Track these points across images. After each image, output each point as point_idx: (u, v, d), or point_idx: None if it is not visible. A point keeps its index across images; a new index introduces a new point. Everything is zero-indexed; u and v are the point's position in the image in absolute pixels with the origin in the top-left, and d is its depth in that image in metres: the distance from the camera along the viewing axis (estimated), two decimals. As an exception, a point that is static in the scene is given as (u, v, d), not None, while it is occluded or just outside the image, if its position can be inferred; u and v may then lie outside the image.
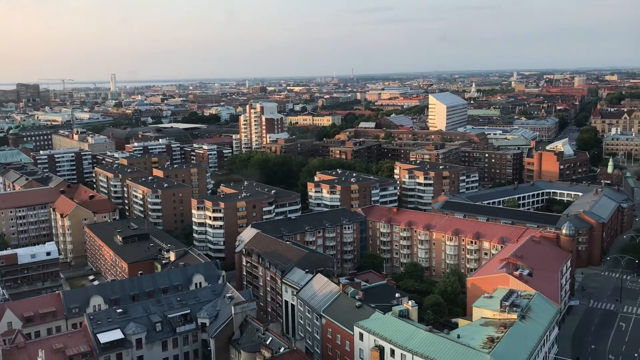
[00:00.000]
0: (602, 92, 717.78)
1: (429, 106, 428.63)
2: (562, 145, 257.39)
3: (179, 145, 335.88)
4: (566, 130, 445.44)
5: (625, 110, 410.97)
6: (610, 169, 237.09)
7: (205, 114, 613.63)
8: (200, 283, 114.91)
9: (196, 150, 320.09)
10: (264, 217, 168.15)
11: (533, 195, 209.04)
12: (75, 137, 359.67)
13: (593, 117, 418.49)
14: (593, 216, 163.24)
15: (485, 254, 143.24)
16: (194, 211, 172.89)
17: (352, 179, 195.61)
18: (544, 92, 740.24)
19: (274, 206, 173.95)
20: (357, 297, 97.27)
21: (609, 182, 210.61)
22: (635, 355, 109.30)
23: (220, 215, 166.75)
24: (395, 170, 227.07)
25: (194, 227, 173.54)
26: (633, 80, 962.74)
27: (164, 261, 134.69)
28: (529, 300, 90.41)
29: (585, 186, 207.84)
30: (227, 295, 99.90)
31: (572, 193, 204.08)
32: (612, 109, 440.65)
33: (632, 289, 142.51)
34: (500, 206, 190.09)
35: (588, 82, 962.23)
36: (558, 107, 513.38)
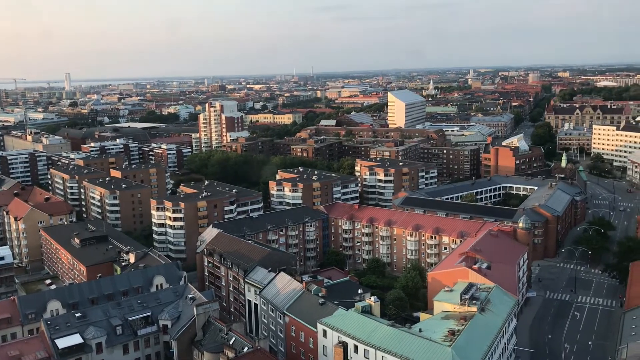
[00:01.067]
0: (555, 89, 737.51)
1: (389, 104, 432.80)
2: (518, 141, 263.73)
3: (137, 145, 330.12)
4: (521, 126, 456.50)
5: (577, 106, 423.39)
6: (563, 164, 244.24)
7: (163, 113, 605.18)
8: (161, 284, 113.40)
9: (155, 150, 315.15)
10: (226, 216, 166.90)
11: (490, 190, 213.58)
12: (29, 137, 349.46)
13: (547, 113, 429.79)
14: (548, 209, 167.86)
15: (445, 248, 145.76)
16: (153, 212, 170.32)
17: (313, 177, 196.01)
18: (500, 89, 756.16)
19: (235, 205, 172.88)
20: (320, 294, 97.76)
21: (562, 176, 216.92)
22: (590, 343, 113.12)
23: (181, 215, 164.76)
24: (356, 168, 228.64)
25: (154, 228, 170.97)
26: (584, 77, 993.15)
27: (123, 263, 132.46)
28: (487, 293, 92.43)
29: (540, 180, 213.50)
30: (189, 296, 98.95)
31: (528, 187, 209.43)
32: (565, 105, 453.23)
33: (586, 280, 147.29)
34: (459, 201, 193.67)
35: (542, 78, 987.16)
36: (513, 104, 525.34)
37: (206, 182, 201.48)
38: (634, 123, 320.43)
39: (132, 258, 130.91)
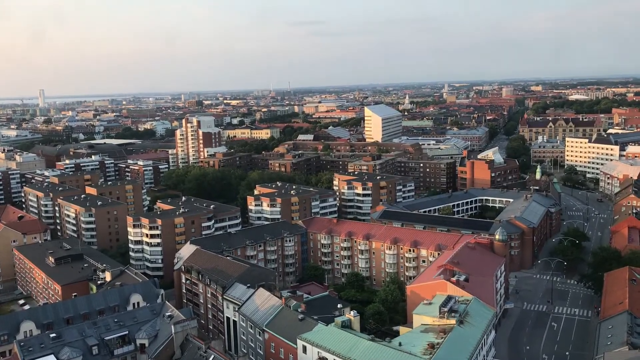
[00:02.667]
0: (529, 102, 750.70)
1: (365, 118, 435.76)
2: (493, 154, 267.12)
3: (112, 161, 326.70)
4: (496, 139, 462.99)
5: (550, 119, 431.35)
6: (538, 176, 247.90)
7: (139, 129, 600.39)
8: (138, 303, 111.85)
9: (131, 167, 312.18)
10: (203, 232, 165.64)
11: (467, 202, 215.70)
12: (2, 155, 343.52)
13: (521, 126, 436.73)
14: (524, 221, 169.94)
15: (423, 261, 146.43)
16: (130, 229, 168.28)
17: (292, 192, 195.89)
18: (474, 102, 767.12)
19: (213, 221, 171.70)
20: (299, 309, 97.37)
21: (537, 188, 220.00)
22: (567, 353, 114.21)
23: (158, 232, 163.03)
24: (334, 182, 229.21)
25: (131, 246, 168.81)
26: (556, 91, 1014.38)
27: (99, 282, 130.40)
28: (466, 305, 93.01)
29: (516, 192, 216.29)
30: (167, 314, 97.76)
31: (504, 199, 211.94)
32: (538, 118, 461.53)
33: (562, 290, 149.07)
34: (436, 214, 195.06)
35: (515, 92, 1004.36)
36: (488, 117, 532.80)
37: (183, 198, 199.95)
38: (605, 135, 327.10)
39: (108, 276, 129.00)
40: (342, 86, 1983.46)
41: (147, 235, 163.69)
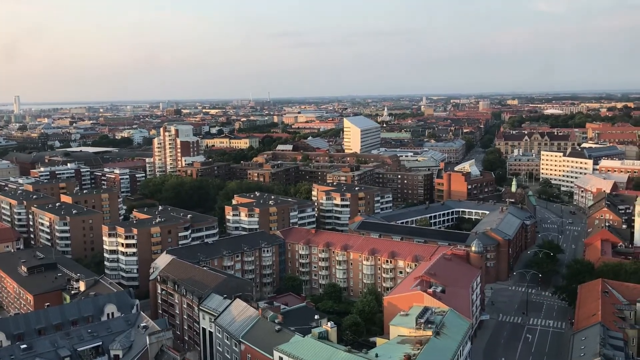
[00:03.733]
0: (505, 116, 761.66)
1: (344, 129, 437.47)
2: (469, 166, 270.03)
3: (88, 169, 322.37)
4: (472, 152, 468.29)
5: (525, 132, 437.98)
6: (514, 188, 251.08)
7: (117, 137, 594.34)
8: (112, 313, 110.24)
9: (107, 175, 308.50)
10: (180, 242, 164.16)
11: (443, 214, 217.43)
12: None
13: (497, 139, 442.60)
14: (499, 233, 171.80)
15: (401, 272, 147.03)
16: (105, 238, 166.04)
17: (270, 202, 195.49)
18: (451, 115, 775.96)
19: (190, 231, 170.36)
20: (276, 320, 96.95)
21: (513, 200, 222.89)
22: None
23: (134, 241, 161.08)
24: (313, 192, 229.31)
25: (106, 255, 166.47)
26: (532, 105, 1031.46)
27: (73, 291, 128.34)
28: (442, 316, 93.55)
29: (492, 205, 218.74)
30: (142, 324, 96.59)
31: (480, 211, 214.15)
32: (514, 132, 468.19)
33: (537, 302, 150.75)
34: (414, 225, 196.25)
35: (492, 106, 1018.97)
36: (464, 130, 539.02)
37: (160, 208, 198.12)
38: (579, 149, 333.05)
39: (82, 286, 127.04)
40: (321, 97, 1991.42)
41: (122, 244, 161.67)
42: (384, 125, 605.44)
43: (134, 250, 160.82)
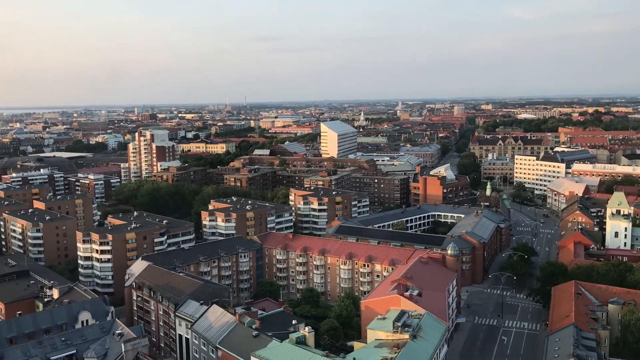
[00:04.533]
0: (479, 120, 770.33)
1: (321, 134, 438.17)
2: (445, 170, 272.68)
3: (62, 175, 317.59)
4: (448, 156, 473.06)
5: (499, 137, 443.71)
6: (488, 192, 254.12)
7: (91, 142, 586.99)
8: (86, 321, 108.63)
9: (81, 180, 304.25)
10: (156, 248, 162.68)
11: (420, 218, 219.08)
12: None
13: (471, 143, 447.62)
14: (475, 236, 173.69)
15: (378, 276, 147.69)
16: (79, 244, 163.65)
17: (247, 207, 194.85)
18: (427, 120, 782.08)
19: (166, 237, 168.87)
20: (253, 326, 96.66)
21: (487, 204, 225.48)
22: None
23: (108, 248, 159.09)
24: (290, 197, 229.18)
25: (80, 262, 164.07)
26: (506, 110, 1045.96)
27: (46, 299, 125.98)
28: (419, 319, 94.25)
29: (467, 208, 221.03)
30: (117, 332, 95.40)
31: (455, 215, 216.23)
32: (488, 136, 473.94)
33: (512, 304, 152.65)
34: (390, 229, 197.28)
35: (466, 111, 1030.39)
36: (440, 135, 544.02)
37: (135, 213, 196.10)
38: (552, 153, 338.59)
39: (55, 293, 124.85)
40: (298, 102, 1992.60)
41: (97, 251, 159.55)
42: (361, 129, 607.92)
43: (109, 256, 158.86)
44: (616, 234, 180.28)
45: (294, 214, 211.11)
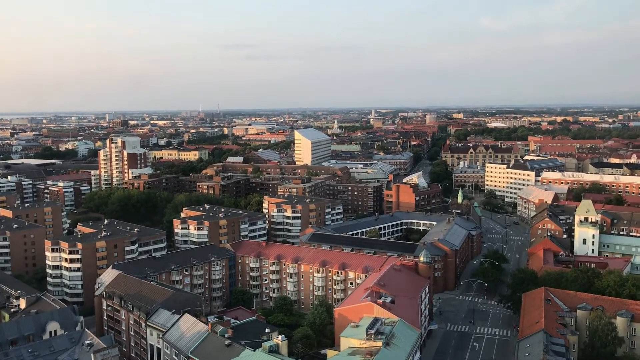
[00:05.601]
0: (451, 129, 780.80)
1: (295, 141, 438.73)
2: (417, 178, 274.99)
3: (30, 182, 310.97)
4: (420, 164, 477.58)
5: (471, 145, 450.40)
6: (460, 199, 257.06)
7: (61, 149, 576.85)
8: (55, 331, 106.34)
9: (50, 188, 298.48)
10: (127, 257, 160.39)
11: (393, 225, 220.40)
12: None
13: (443, 151, 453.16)
14: (447, 244, 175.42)
15: (351, 283, 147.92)
16: (48, 253, 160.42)
17: (220, 214, 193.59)
18: (400, 128, 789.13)
19: (137, 245, 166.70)
20: (226, 335, 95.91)
21: (459, 211, 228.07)
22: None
23: (78, 256, 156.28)
24: (263, 204, 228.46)
25: (48, 271, 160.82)
26: (477, 118, 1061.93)
27: (12, 309, 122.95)
28: (392, 327, 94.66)
29: (439, 216, 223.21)
30: (86, 342, 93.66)
31: (428, 222, 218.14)
32: (460, 144, 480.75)
33: (483, 311, 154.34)
34: (364, 236, 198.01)
35: (438, 119, 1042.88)
36: (412, 143, 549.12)
37: (106, 221, 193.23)
38: (521, 162, 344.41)
39: (22, 303, 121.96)
40: (272, 109, 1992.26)
41: (66, 259, 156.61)
42: (334, 137, 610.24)
43: (79, 265, 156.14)
44: (584, 241, 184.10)
45: (267, 221, 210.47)
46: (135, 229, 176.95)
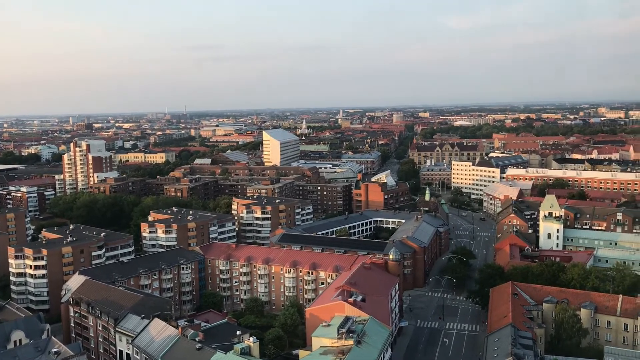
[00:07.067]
0: (417, 128, 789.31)
1: (264, 142, 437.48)
2: (385, 177, 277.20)
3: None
4: (388, 163, 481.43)
5: (437, 143, 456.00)
6: (427, 197, 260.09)
7: (23, 154, 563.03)
8: (20, 340, 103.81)
9: (13, 194, 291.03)
10: (94, 262, 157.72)
11: (362, 224, 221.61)
12: None
13: (410, 150, 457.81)
14: (415, 241, 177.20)
15: (322, 283, 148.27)
16: (11, 261, 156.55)
17: (188, 217, 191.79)
18: (367, 128, 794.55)
19: (104, 250, 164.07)
20: (197, 338, 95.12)
21: (427, 209, 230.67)
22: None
23: (43, 263, 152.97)
24: (233, 206, 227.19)
25: (12, 279, 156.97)
26: (442, 117, 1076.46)
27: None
28: (363, 325, 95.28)
29: (407, 213, 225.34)
30: (53, 350, 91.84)
31: (396, 220, 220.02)
32: (427, 143, 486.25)
33: (453, 307, 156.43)
34: (334, 236, 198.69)
35: (405, 118, 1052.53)
36: (380, 142, 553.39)
37: (71, 227, 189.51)
38: (487, 159, 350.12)
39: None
40: (240, 110, 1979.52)
41: (31, 266, 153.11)
42: (303, 138, 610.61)
43: (44, 272, 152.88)
44: (549, 236, 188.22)
45: (237, 223, 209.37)
46: (102, 234, 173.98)
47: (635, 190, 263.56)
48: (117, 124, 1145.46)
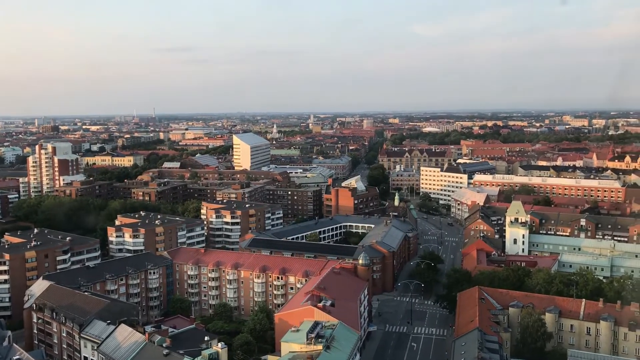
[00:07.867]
0: (387, 134, 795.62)
1: (234, 146, 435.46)
2: (356, 182, 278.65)
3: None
4: (358, 168, 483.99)
5: (406, 149, 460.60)
6: (396, 202, 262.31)
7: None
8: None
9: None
10: (58, 267, 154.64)
11: (332, 228, 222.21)
12: None
13: (380, 156, 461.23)
14: (384, 246, 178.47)
15: (292, 288, 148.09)
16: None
17: (156, 221, 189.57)
18: (338, 133, 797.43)
19: (69, 254, 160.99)
20: (164, 344, 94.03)
21: (396, 214, 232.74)
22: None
23: (5, 268, 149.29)
24: (202, 210, 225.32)
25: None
26: (411, 123, 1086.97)
27: None
28: (332, 330, 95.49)
29: (377, 218, 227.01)
30: (15, 358, 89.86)
31: (366, 225, 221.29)
32: (396, 149, 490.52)
33: (421, 311, 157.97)
34: (304, 241, 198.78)
35: (375, 124, 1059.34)
36: (350, 147, 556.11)
37: (36, 231, 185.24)
38: (455, 165, 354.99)
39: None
40: (210, 114, 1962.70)
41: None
42: (274, 142, 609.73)
43: (6, 277, 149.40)
44: (515, 241, 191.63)
45: (206, 228, 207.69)
46: (68, 238, 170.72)
47: (598, 197, 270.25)
48: (84, 127, 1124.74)
